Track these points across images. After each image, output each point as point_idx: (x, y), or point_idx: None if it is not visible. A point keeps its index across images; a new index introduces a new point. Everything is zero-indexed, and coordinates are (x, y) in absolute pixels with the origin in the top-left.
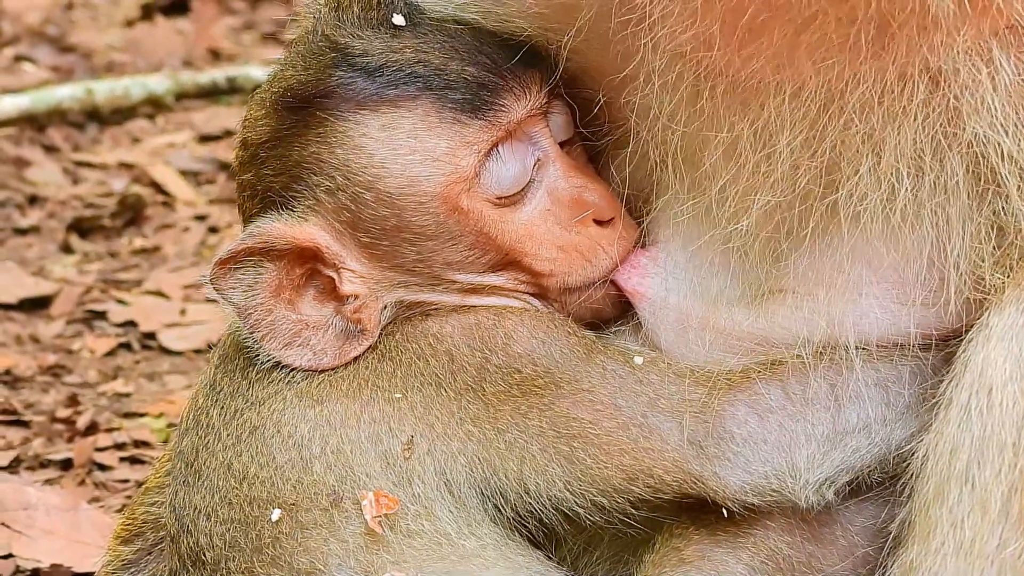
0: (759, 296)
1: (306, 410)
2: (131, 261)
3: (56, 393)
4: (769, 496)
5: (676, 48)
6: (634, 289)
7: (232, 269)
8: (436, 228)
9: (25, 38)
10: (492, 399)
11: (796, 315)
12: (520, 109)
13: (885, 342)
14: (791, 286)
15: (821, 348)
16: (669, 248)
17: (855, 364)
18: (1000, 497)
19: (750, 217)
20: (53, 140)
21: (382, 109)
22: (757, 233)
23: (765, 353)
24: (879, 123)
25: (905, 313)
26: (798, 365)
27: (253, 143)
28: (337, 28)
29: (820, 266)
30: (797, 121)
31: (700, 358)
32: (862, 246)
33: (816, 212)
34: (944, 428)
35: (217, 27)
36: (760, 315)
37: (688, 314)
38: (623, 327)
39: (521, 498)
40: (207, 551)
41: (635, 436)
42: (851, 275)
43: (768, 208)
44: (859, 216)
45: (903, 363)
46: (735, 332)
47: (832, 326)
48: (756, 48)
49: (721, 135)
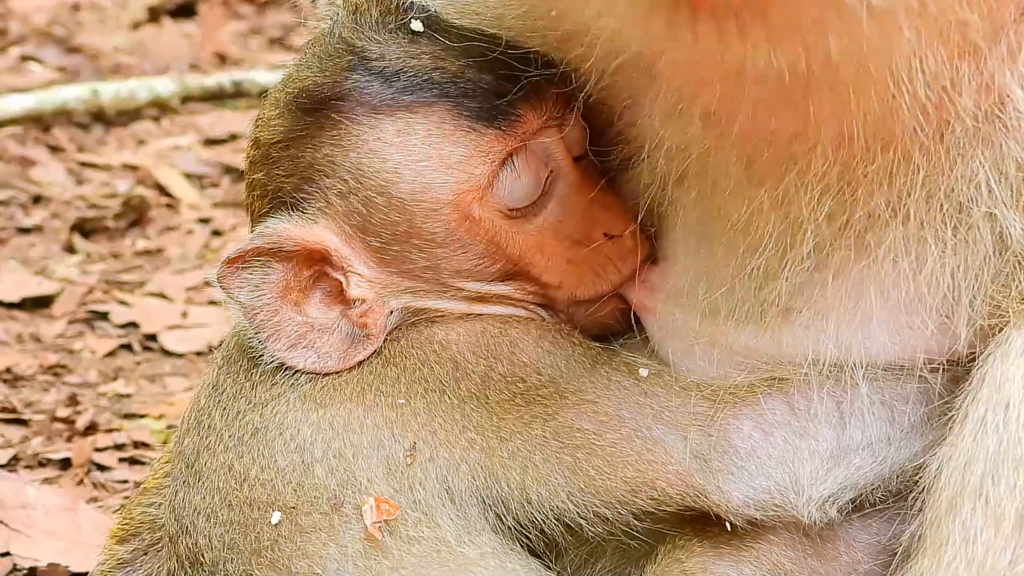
0: (768, 316)
1: (309, 413)
2: (134, 262)
3: (56, 393)
4: (772, 511)
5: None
6: (642, 303)
7: (240, 268)
8: (447, 235)
9: (32, 38)
10: (496, 407)
11: (804, 336)
12: (535, 120)
13: (892, 366)
14: (800, 307)
15: (827, 368)
16: (679, 265)
17: (861, 384)
18: (1014, 513)
19: (763, 241)
20: (58, 140)
21: (398, 114)
22: (769, 257)
23: (771, 371)
24: (897, 165)
25: (914, 339)
26: (804, 382)
27: (265, 143)
28: (355, 31)
29: (832, 291)
30: (815, 162)
31: (707, 373)
32: (876, 276)
33: (832, 241)
34: (959, 442)
35: (224, 31)
36: (768, 335)
37: (695, 330)
38: (631, 339)
39: (523, 507)
40: (206, 552)
41: (639, 448)
42: (862, 302)
43: (781, 233)
44: (876, 249)
45: (909, 383)
46: (742, 350)
47: (840, 349)
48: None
49: (733, 170)
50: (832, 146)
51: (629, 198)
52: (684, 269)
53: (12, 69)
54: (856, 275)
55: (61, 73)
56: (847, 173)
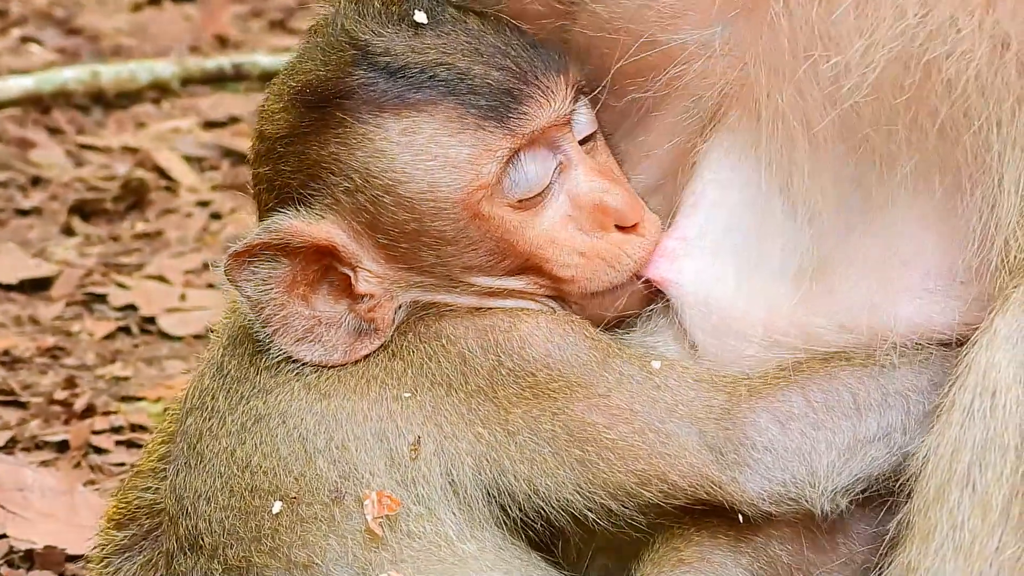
0: (805, 271)
1: (313, 403)
2: (133, 245)
3: (54, 375)
4: (787, 504)
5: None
6: (663, 277)
7: (247, 262)
8: (456, 233)
9: (32, 19)
10: (504, 402)
11: (840, 295)
12: (544, 117)
13: (918, 334)
14: (843, 259)
15: (853, 341)
16: (708, 222)
17: (877, 372)
18: (1001, 500)
19: (822, 175)
20: (58, 122)
21: (403, 113)
22: (828, 193)
23: (795, 344)
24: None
25: (942, 299)
26: (820, 372)
27: (270, 136)
28: (357, 23)
29: (879, 239)
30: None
31: (729, 346)
32: (926, 224)
33: (900, 183)
34: (946, 430)
35: (224, 14)
36: (801, 296)
37: (721, 296)
38: (652, 310)
39: (530, 499)
40: (205, 536)
41: (652, 441)
42: (904, 253)
43: (848, 164)
44: (942, 194)
45: (923, 372)
46: (770, 315)
47: (874, 308)
48: None
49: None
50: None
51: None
52: (712, 226)
53: (12, 50)
54: (906, 227)
55: (61, 55)
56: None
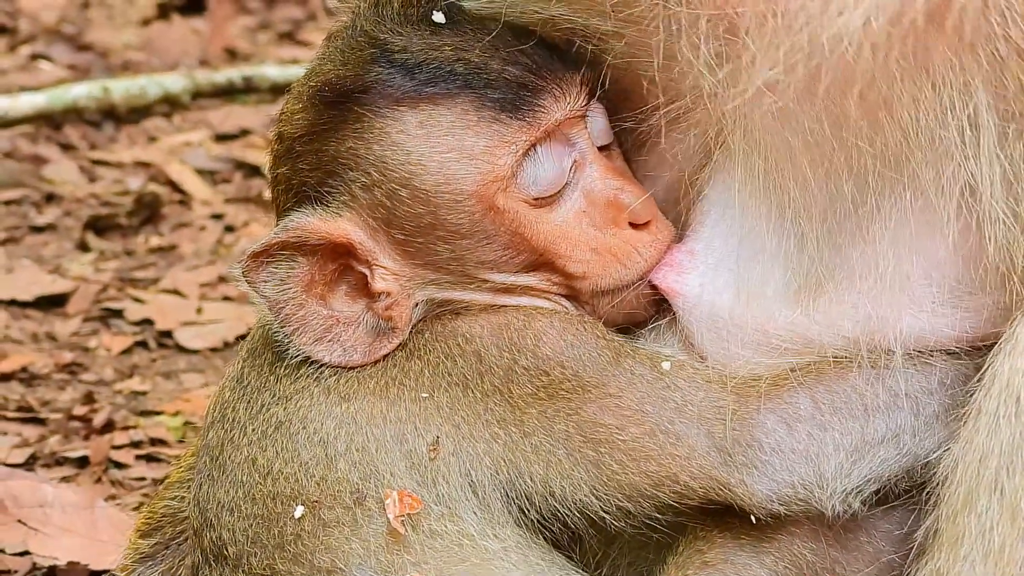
0: (804, 287)
1: (332, 407)
2: (147, 259)
3: (72, 391)
4: (796, 505)
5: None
6: (670, 287)
7: (265, 262)
8: (471, 227)
9: (42, 36)
10: (519, 402)
11: (839, 310)
12: (560, 110)
13: (922, 345)
14: (841, 275)
15: (856, 352)
16: (713, 238)
17: (885, 374)
18: None
19: (810, 194)
20: (70, 138)
21: (420, 106)
22: (816, 211)
23: (799, 353)
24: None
25: (948, 311)
26: (828, 374)
27: (289, 137)
28: (377, 24)
29: (874, 254)
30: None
31: (734, 356)
32: (918, 233)
33: (878, 191)
34: (973, 436)
35: (233, 26)
36: (802, 309)
37: (726, 309)
38: (659, 323)
39: (546, 501)
40: (229, 546)
41: (661, 442)
42: (902, 266)
43: (830, 178)
44: (922, 199)
45: (932, 374)
46: (773, 328)
47: (875, 322)
48: None
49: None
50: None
51: (658, 170)
52: (717, 244)
53: (22, 68)
54: (901, 232)
55: (71, 71)
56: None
